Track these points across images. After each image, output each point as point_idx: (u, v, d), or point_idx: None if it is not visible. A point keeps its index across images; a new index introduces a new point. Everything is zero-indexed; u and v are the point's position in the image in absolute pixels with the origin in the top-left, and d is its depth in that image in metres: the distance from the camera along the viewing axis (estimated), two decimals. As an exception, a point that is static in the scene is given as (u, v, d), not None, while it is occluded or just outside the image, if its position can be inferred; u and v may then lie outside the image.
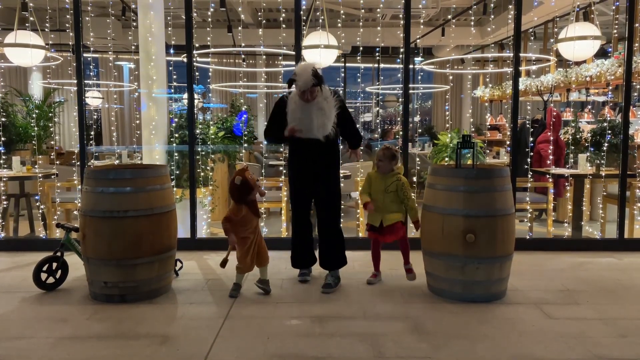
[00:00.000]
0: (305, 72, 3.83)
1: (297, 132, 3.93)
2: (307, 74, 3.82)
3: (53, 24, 7.71)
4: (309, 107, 3.93)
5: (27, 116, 8.78)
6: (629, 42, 5.22)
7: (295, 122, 3.94)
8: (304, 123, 3.93)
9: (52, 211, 5.93)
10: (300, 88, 3.86)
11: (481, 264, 3.65)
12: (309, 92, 3.87)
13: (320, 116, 3.94)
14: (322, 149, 4.03)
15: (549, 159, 6.27)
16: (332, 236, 4.17)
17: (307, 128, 3.94)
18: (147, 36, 5.50)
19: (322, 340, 3.08)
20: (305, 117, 3.92)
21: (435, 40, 12.17)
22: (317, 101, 3.94)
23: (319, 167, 4.07)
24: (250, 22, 11.54)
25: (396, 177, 4.08)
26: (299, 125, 3.93)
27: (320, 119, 3.94)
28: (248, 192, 3.75)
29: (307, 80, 3.81)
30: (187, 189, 5.33)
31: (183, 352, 2.93)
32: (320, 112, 3.94)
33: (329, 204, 4.14)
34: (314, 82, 3.83)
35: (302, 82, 3.82)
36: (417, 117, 16.84)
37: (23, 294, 3.92)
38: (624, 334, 3.17)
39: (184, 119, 5.85)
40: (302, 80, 3.82)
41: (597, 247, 5.23)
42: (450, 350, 2.95)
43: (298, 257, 4.29)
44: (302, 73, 3.83)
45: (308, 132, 3.95)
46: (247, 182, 3.72)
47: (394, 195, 4.06)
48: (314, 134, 3.96)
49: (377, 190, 4.10)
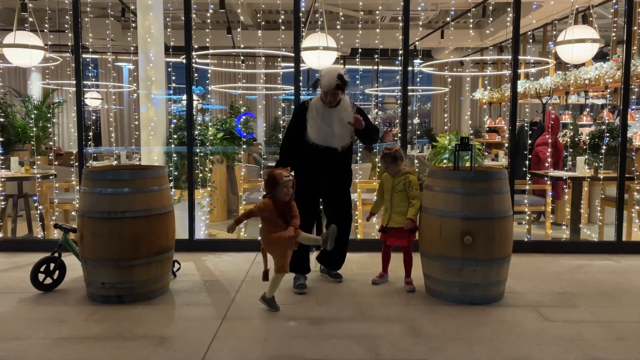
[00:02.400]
0: (331, 74, 3.88)
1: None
2: (333, 75, 3.87)
3: (52, 24, 7.72)
4: (331, 115, 3.97)
5: (26, 117, 8.78)
6: (628, 45, 5.23)
7: (314, 129, 3.96)
8: (322, 130, 3.96)
9: (50, 212, 5.92)
10: (323, 88, 3.90)
11: (479, 266, 3.65)
12: (331, 94, 3.90)
13: (340, 127, 3.98)
14: (336, 157, 4.07)
15: (547, 161, 6.28)
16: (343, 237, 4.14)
17: (325, 137, 3.97)
18: (146, 37, 5.50)
19: (319, 342, 3.08)
20: (327, 125, 3.96)
21: (435, 43, 12.18)
22: (339, 110, 3.98)
23: (331, 174, 4.12)
24: (250, 23, 11.55)
25: (405, 176, 4.06)
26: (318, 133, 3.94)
27: (341, 129, 3.98)
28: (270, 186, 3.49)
29: (331, 81, 3.86)
30: (186, 190, 5.33)
31: (180, 354, 2.93)
32: (341, 123, 3.99)
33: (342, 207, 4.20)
34: (338, 84, 3.87)
35: (326, 82, 3.87)
36: (416, 119, 16.85)
37: (20, 294, 3.91)
38: (621, 337, 3.17)
39: (183, 120, 5.86)
40: (326, 80, 3.86)
41: (595, 249, 5.23)
42: (447, 353, 2.95)
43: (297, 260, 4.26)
44: (327, 74, 3.88)
45: (325, 140, 3.98)
46: (272, 177, 3.49)
47: (402, 195, 4.03)
48: (333, 144, 3.99)
49: (387, 189, 4.12)
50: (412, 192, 4.00)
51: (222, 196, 7.21)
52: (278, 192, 3.47)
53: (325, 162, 4.05)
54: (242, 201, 5.86)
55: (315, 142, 3.97)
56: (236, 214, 6.62)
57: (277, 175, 3.47)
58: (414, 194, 3.99)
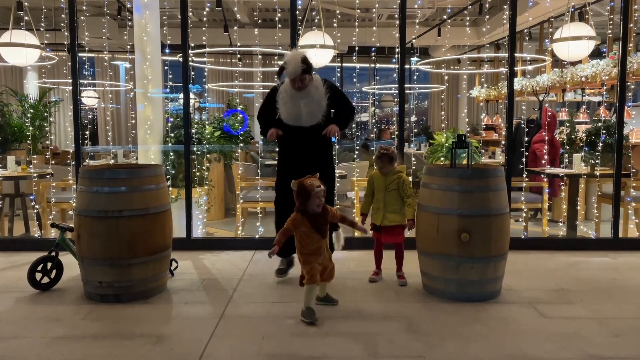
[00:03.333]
0: (295, 60, 3.84)
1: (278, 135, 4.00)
2: (297, 61, 3.83)
3: (48, 23, 7.69)
4: (299, 95, 3.95)
5: (23, 116, 8.76)
6: (624, 42, 5.24)
7: (284, 110, 3.96)
8: (292, 111, 3.96)
9: (47, 211, 5.91)
10: (289, 75, 3.88)
11: (475, 263, 3.66)
12: (298, 79, 3.89)
13: (309, 104, 3.95)
14: (311, 137, 4.03)
15: (544, 158, 6.29)
16: None
17: (295, 116, 3.97)
18: (142, 36, 5.50)
19: (317, 339, 3.08)
20: (294, 106, 3.95)
21: (432, 41, 12.19)
22: (308, 90, 3.96)
23: (308, 155, 4.06)
24: (247, 21, 11.54)
25: (397, 175, 4.08)
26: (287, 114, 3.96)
27: (309, 107, 3.95)
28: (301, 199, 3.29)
29: (297, 67, 3.83)
30: (183, 188, 5.33)
31: (178, 352, 2.93)
32: (310, 100, 3.95)
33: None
34: (303, 68, 3.84)
35: (291, 69, 3.84)
36: (414, 117, 16.86)
37: (18, 293, 3.91)
38: (617, 333, 3.19)
39: (180, 119, 5.85)
40: (291, 67, 3.83)
41: (592, 246, 5.25)
42: (444, 350, 2.95)
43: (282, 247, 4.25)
44: (291, 60, 3.84)
45: (296, 120, 3.98)
46: (303, 189, 3.28)
47: (395, 194, 4.05)
48: (304, 122, 3.98)
49: (379, 188, 4.11)
50: (407, 192, 4.02)
51: (220, 195, 7.21)
52: (310, 204, 3.27)
53: (301, 142, 4.04)
54: (240, 199, 5.86)
55: (286, 122, 3.99)
56: (233, 212, 6.62)
57: (308, 187, 3.25)
58: (408, 193, 4.02)
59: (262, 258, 4.80)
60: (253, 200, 5.76)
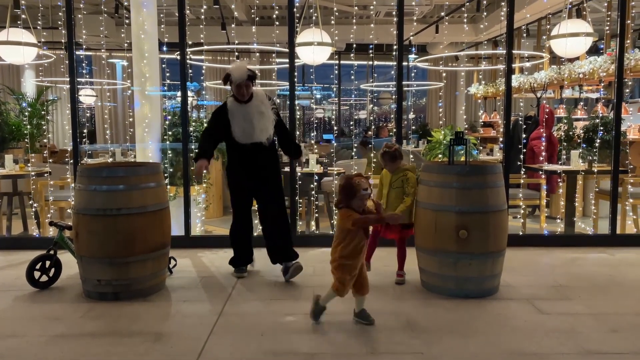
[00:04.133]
0: (241, 67, 4.05)
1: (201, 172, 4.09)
2: (242, 68, 4.03)
3: (45, 21, 7.67)
4: (249, 112, 4.10)
5: (20, 114, 8.75)
6: (621, 38, 5.24)
7: (238, 128, 4.09)
8: (245, 128, 4.09)
9: (45, 209, 5.91)
10: (236, 81, 4.02)
11: (474, 260, 3.67)
12: (244, 85, 4.04)
13: (260, 119, 4.12)
14: (264, 151, 4.18)
15: (541, 155, 6.30)
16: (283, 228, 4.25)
17: (249, 133, 4.10)
18: (139, 33, 5.48)
19: (316, 336, 3.09)
20: (247, 122, 4.09)
21: (430, 38, 12.18)
22: (256, 104, 4.12)
23: (262, 169, 4.21)
24: (244, 19, 11.51)
25: (403, 172, 4.08)
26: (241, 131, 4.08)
27: (261, 122, 4.12)
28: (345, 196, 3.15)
29: (243, 74, 4.01)
30: (181, 186, 5.33)
31: (177, 349, 2.94)
32: (260, 116, 4.13)
33: (276, 197, 4.26)
34: (249, 75, 4.02)
35: (238, 75, 4.01)
36: (412, 114, 16.86)
37: (16, 292, 3.91)
38: (614, 329, 3.20)
39: (178, 117, 5.84)
40: (238, 74, 4.02)
41: (590, 242, 5.26)
42: (442, 346, 2.96)
43: (242, 258, 4.35)
44: (237, 69, 4.04)
45: (249, 137, 4.10)
46: (350, 186, 3.10)
47: (399, 191, 4.05)
48: (257, 138, 4.12)
49: (385, 185, 4.16)
50: (407, 189, 4.02)
51: (218, 192, 7.21)
52: (353, 203, 3.12)
53: (254, 158, 4.16)
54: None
55: (241, 142, 4.09)
56: (231, 210, 6.61)
57: (356, 187, 3.09)
58: (408, 191, 4.02)
59: (260, 256, 4.80)
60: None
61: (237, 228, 4.33)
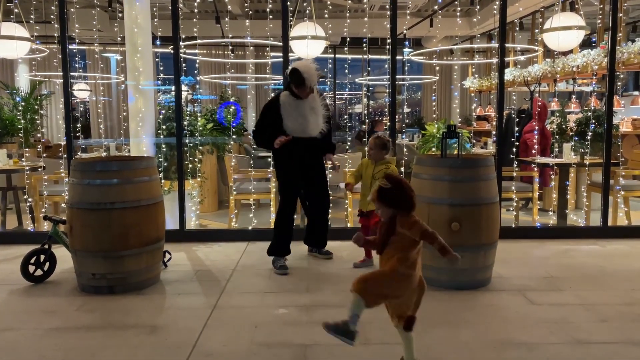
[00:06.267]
0: (312, 70, 4.08)
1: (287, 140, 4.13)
2: (314, 71, 4.09)
3: (38, 15, 7.64)
4: (303, 107, 4.17)
5: (14, 109, 8.72)
6: (613, 32, 5.27)
7: (292, 123, 4.15)
8: (300, 123, 4.16)
9: (39, 204, 5.91)
10: (310, 83, 4.08)
11: (466, 252, 3.68)
12: (309, 87, 4.12)
13: (314, 115, 4.21)
14: (315, 145, 4.29)
15: (534, 148, 6.34)
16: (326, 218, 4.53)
17: (303, 128, 4.18)
18: (133, 27, 5.47)
19: (309, 328, 3.12)
20: (302, 117, 4.16)
21: (424, 31, 12.18)
22: (310, 100, 4.19)
23: (312, 162, 4.35)
24: (239, 13, 11.48)
25: (386, 165, 4.21)
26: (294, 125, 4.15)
27: (315, 118, 4.22)
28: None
29: (315, 77, 4.09)
30: (176, 180, 5.34)
31: (171, 342, 2.96)
32: (314, 112, 4.21)
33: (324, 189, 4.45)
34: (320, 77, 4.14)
35: (310, 78, 4.07)
36: (406, 108, 16.87)
37: (11, 286, 3.92)
38: (604, 319, 3.24)
39: (172, 111, 5.84)
40: (310, 77, 4.06)
41: (581, 234, 5.30)
42: (434, 336, 3.00)
43: (284, 246, 4.38)
44: (309, 71, 4.07)
45: (303, 131, 4.19)
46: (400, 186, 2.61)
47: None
48: (310, 133, 4.22)
49: (367, 176, 4.26)
50: None
51: (213, 187, 7.21)
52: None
53: (306, 151, 4.27)
54: (233, 191, 5.87)
55: (293, 134, 4.16)
56: (227, 204, 6.63)
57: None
58: None
59: (255, 249, 4.83)
60: (246, 192, 5.78)
61: (284, 215, 4.37)
